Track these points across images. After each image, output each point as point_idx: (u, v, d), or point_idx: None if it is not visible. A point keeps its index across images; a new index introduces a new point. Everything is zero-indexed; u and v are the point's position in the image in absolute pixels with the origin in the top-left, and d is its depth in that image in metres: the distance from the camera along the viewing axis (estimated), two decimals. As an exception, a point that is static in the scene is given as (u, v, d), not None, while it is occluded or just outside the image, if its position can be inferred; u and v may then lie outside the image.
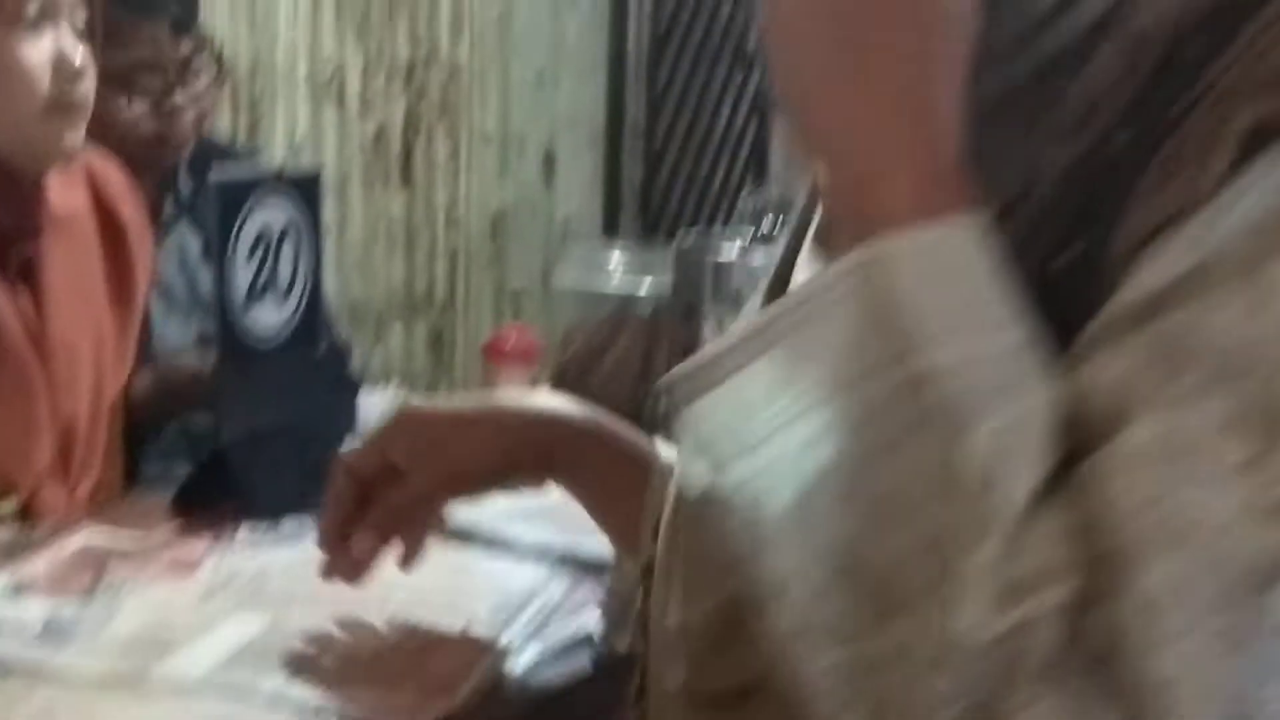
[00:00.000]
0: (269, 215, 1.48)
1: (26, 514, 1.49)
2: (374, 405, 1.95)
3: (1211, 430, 0.58)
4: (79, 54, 1.46)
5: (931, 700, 0.59)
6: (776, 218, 2.13)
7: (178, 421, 2.03)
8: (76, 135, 1.48)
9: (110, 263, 1.60)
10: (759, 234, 2.12)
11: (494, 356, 2.01)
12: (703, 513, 0.67)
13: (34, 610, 1.27)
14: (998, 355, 0.61)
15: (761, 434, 0.62)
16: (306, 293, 1.52)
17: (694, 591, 0.77)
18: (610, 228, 4.09)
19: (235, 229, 1.45)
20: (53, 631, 1.23)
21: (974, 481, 0.59)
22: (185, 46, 2.26)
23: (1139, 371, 0.60)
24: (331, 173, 3.37)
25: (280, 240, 1.49)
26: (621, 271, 2.13)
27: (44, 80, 1.44)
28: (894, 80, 0.63)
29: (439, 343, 3.75)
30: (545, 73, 3.94)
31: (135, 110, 2.15)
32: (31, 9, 1.43)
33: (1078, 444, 0.60)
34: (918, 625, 0.59)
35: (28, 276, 1.50)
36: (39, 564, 1.37)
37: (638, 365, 1.76)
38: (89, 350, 1.55)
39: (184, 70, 2.24)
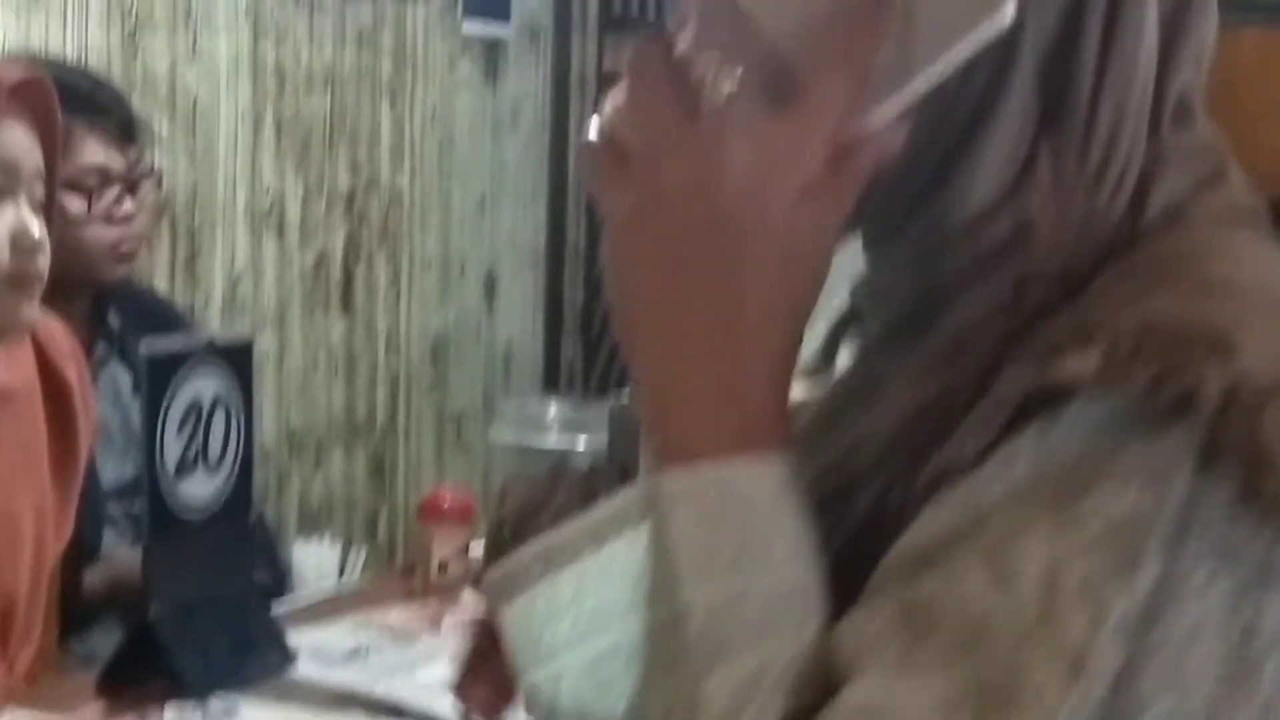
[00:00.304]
0: (200, 387, 1.47)
1: None
2: (310, 556, 1.92)
3: (924, 706, 0.59)
4: (36, 228, 1.47)
5: None
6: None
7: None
8: (32, 308, 1.48)
9: (54, 430, 1.59)
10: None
11: (430, 516, 1.99)
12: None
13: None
14: (762, 597, 0.63)
15: (556, 645, 0.65)
16: (238, 463, 1.51)
17: None
18: (550, 381, 4.10)
19: (166, 402, 1.44)
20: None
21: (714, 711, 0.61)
22: (132, 155, 2.27)
23: (881, 633, 0.61)
24: (271, 301, 3.38)
25: (211, 411, 1.49)
26: (559, 427, 2.14)
27: (1, 253, 1.44)
28: (702, 329, 0.65)
29: (380, 469, 3.73)
30: (486, 197, 3.96)
31: (89, 215, 2.14)
32: None
33: (826, 693, 0.61)
34: None
35: None
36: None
37: (575, 520, 1.75)
38: (31, 522, 1.53)
39: (133, 178, 2.25)
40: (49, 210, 1.50)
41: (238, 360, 1.51)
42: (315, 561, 1.99)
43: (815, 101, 0.65)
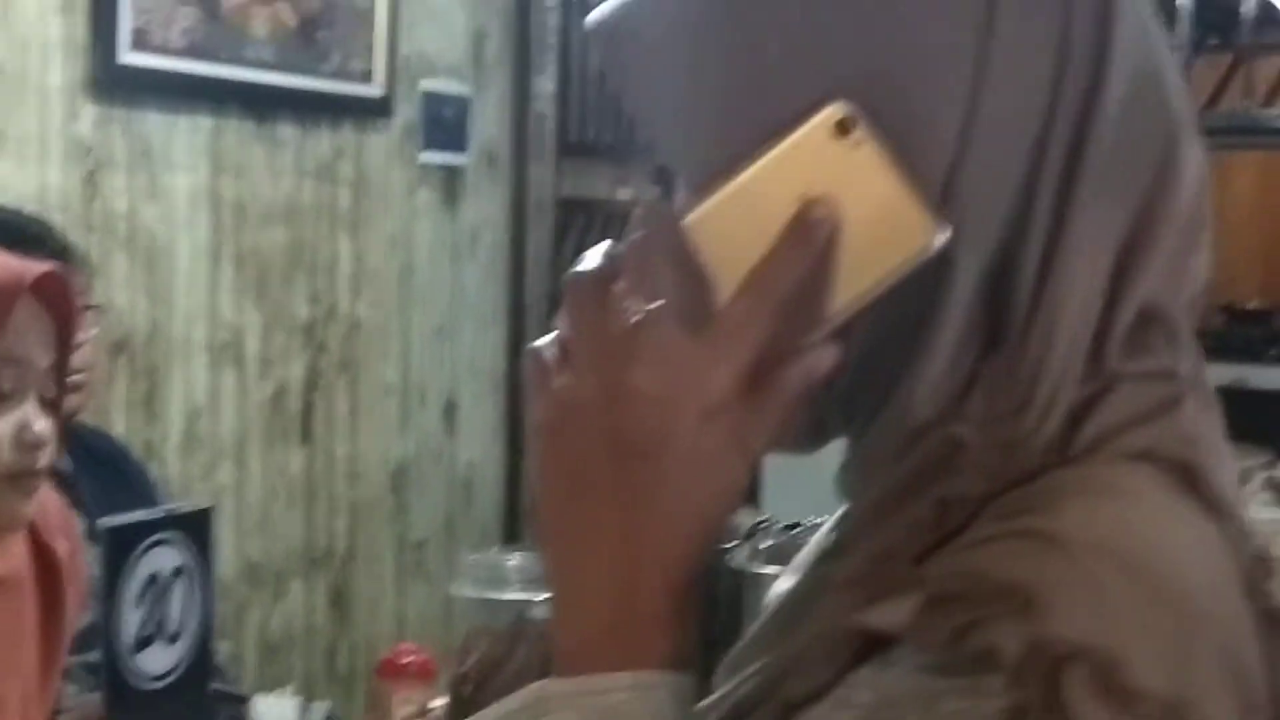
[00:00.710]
0: (159, 558, 1.47)
1: None
2: (270, 710, 1.90)
3: None
4: (42, 425, 1.47)
5: None
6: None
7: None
8: (30, 505, 1.49)
9: (42, 607, 1.57)
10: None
11: (390, 674, 1.98)
12: None
13: None
14: None
15: None
16: (196, 635, 1.50)
17: None
18: (511, 535, 4.10)
19: (125, 574, 1.44)
20: None
21: None
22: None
23: None
24: (230, 434, 3.37)
25: (170, 582, 1.48)
26: (520, 579, 2.13)
27: (3, 450, 1.44)
28: (602, 542, 0.68)
29: (340, 598, 3.71)
30: (446, 324, 3.97)
31: None
32: (5, 387, 1.45)
33: None
34: None
35: None
36: None
37: (536, 676, 1.74)
38: (16, 702, 1.51)
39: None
40: (57, 403, 1.51)
41: (197, 529, 1.51)
42: (277, 715, 1.97)
43: (725, 326, 0.67)
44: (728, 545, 2.12)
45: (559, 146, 4.21)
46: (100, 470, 2.31)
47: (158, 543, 1.47)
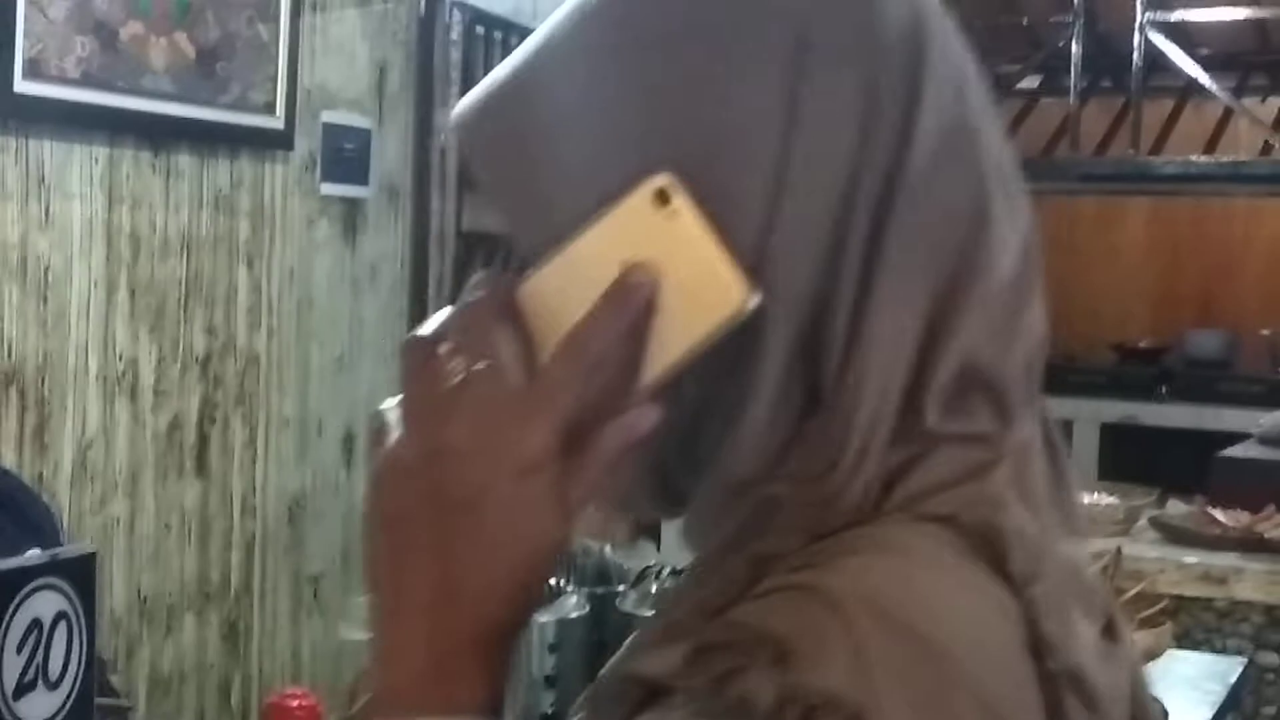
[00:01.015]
0: (40, 604, 1.46)
1: None
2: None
3: None
4: None
5: None
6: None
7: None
8: None
9: None
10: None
11: (275, 717, 1.97)
12: None
13: None
14: None
15: None
16: (79, 680, 1.49)
17: None
18: None
19: (5, 621, 1.42)
20: None
21: None
22: None
23: None
24: (123, 466, 3.33)
25: (53, 627, 1.47)
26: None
27: None
28: (420, 593, 0.71)
29: (233, 632, 3.68)
30: (345, 356, 3.96)
31: None
32: None
33: None
34: None
35: None
36: None
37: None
38: None
39: None
40: None
41: (80, 574, 1.50)
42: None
43: (540, 385, 0.70)
44: (618, 590, 2.15)
45: (460, 179, 4.21)
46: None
47: (40, 588, 1.46)
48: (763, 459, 0.72)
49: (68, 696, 1.50)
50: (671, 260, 0.70)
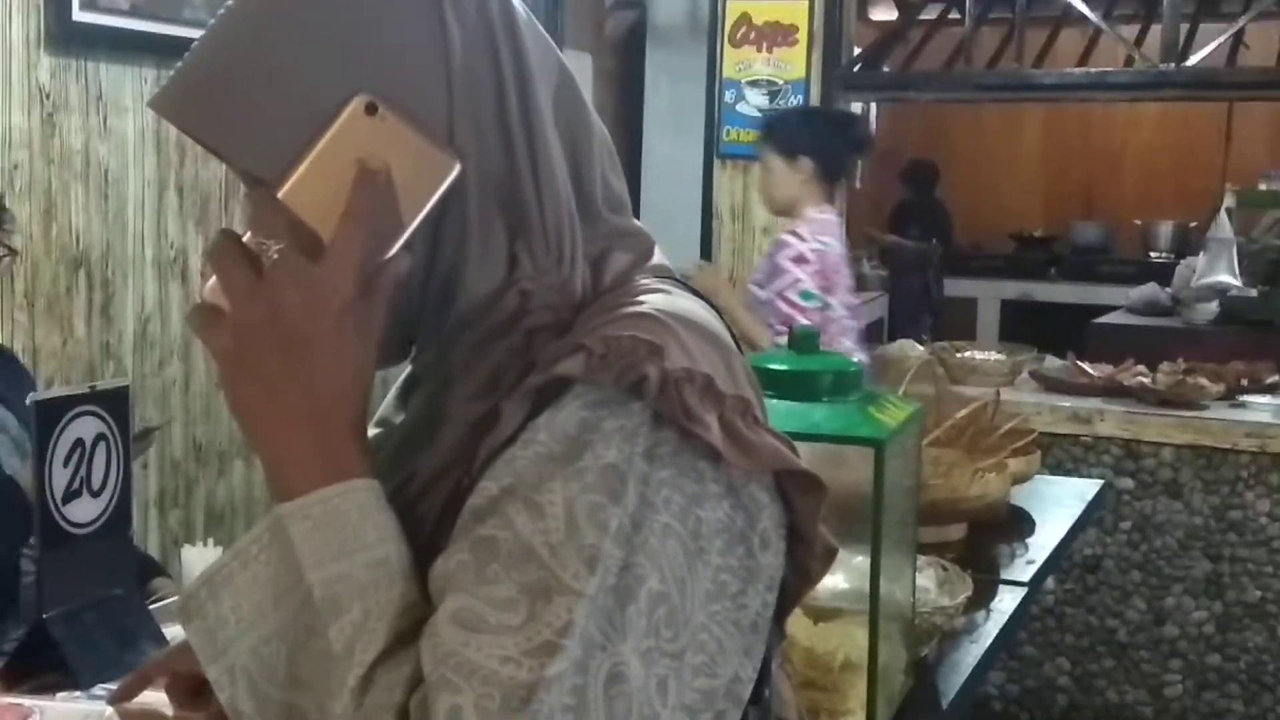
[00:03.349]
0: (82, 428, 1.47)
1: None
2: (196, 559, 1.91)
3: (498, 606, 0.72)
4: None
5: None
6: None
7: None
8: None
9: None
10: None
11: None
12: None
13: None
14: (361, 567, 0.76)
15: (227, 643, 0.78)
16: (116, 491, 1.51)
17: None
18: None
19: (52, 441, 1.44)
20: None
21: (341, 655, 0.74)
22: None
23: (461, 563, 0.75)
24: (177, 337, 3.34)
25: (94, 446, 1.49)
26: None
27: None
28: (291, 413, 0.79)
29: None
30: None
31: None
32: None
33: (426, 617, 0.75)
34: None
35: None
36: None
37: None
38: None
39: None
40: None
41: (116, 404, 1.51)
42: (201, 563, 1.98)
43: (336, 248, 0.78)
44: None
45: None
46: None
47: (80, 414, 1.47)
48: (493, 276, 0.84)
49: (108, 503, 1.52)
50: (392, 152, 0.79)
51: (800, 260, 3.51)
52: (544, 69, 0.87)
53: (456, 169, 0.80)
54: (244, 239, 0.80)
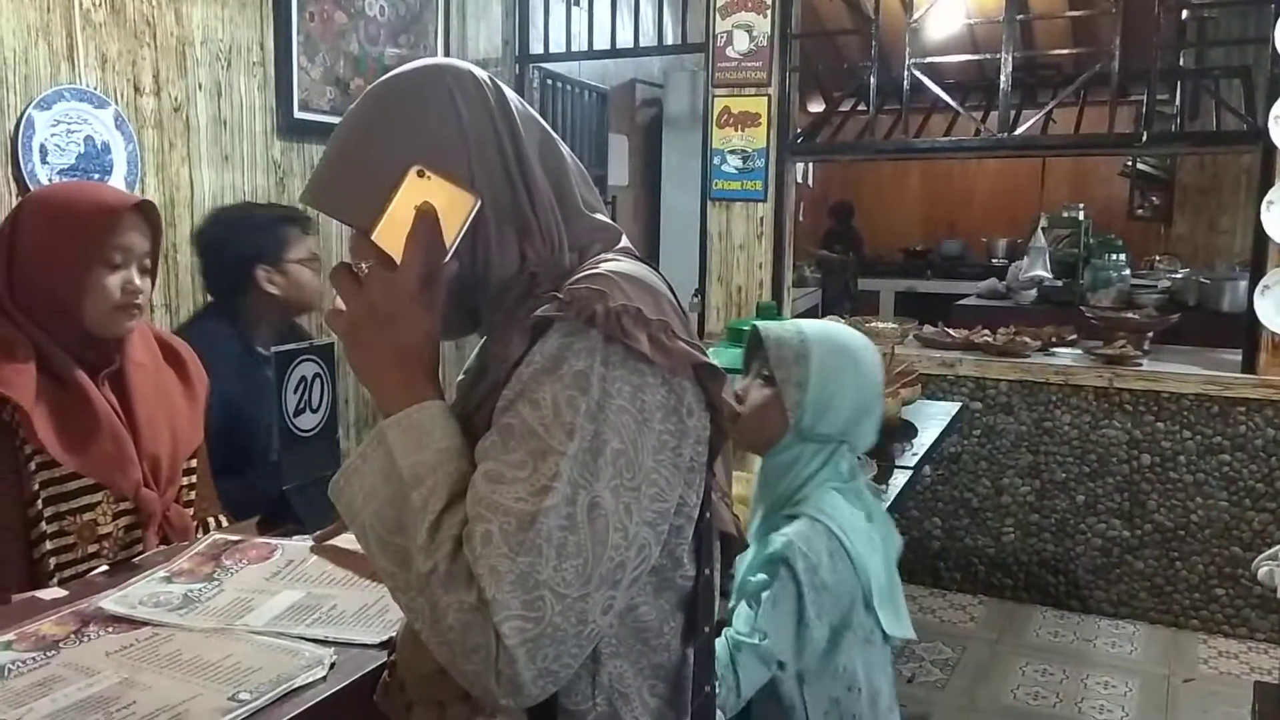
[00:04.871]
0: (305, 369, 1.48)
1: (136, 510, 1.46)
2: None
3: (513, 466, 0.73)
4: (138, 282, 1.45)
5: (423, 603, 0.73)
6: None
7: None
8: (131, 322, 1.46)
9: (179, 377, 1.55)
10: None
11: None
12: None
13: (177, 589, 1.26)
14: (433, 452, 0.77)
15: (357, 510, 0.78)
16: (327, 409, 1.52)
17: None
18: None
19: (288, 376, 1.45)
20: (186, 601, 1.22)
21: (419, 509, 0.74)
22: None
23: (492, 442, 0.76)
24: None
25: (313, 381, 1.49)
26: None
27: (115, 294, 1.42)
28: (392, 368, 0.80)
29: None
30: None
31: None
32: (115, 258, 1.43)
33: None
34: (408, 570, 0.74)
35: (115, 388, 1.47)
36: (183, 561, 1.35)
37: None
38: (164, 419, 1.50)
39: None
40: (153, 275, 1.48)
41: (326, 354, 1.52)
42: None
43: (404, 264, 0.79)
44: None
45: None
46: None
47: (304, 360, 1.48)
48: (513, 266, 0.84)
49: (323, 417, 1.53)
50: (436, 198, 0.80)
51: None
52: (529, 130, 0.87)
53: (478, 203, 0.81)
54: (350, 265, 0.83)
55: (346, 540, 1.34)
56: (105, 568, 1.37)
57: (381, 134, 0.82)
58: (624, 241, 0.91)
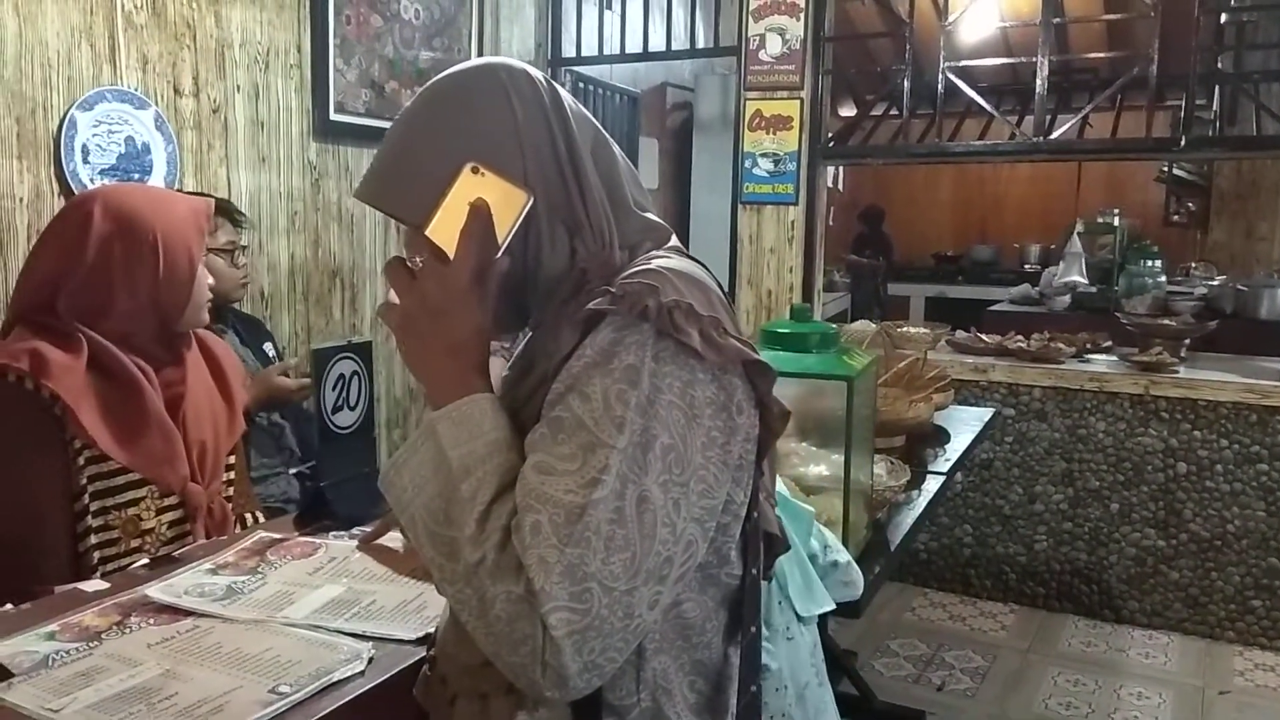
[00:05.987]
0: (343, 367, 1.49)
1: (183, 504, 1.48)
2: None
3: (562, 459, 0.73)
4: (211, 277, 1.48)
5: (470, 594, 0.73)
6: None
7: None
8: (205, 317, 1.49)
9: (217, 379, 1.57)
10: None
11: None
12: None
13: (221, 581, 1.28)
14: (483, 443, 0.76)
15: (407, 500, 0.78)
16: (365, 406, 1.53)
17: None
18: None
19: (326, 373, 1.47)
20: (230, 592, 1.24)
21: (468, 500, 0.74)
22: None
23: (541, 434, 0.75)
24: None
25: (351, 379, 1.51)
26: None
27: (206, 290, 1.45)
28: (443, 359, 0.80)
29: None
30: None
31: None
32: (212, 255, 1.47)
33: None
34: (456, 561, 0.74)
35: (168, 382, 1.49)
36: (228, 554, 1.37)
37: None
38: (208, 413, 1.52)
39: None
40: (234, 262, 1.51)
41: (364, 352, 1.53)
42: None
43: (457, 259, 0.79)
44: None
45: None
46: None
47: (343, 358, 1.49)
48: (564, 262, 0.84)
49: (360, 415, 1.54)
50: (490, 195, 0.80)
51: None
52: (582, 129, 0.86)
53: (531, 200, 0.81)
54: (404, 259, 0.83)
55: (390, 539, 1.35)
56: (146, 561, 1.39)
57: (437, 131, 0.82)
58: (674, 240, 0.90)
